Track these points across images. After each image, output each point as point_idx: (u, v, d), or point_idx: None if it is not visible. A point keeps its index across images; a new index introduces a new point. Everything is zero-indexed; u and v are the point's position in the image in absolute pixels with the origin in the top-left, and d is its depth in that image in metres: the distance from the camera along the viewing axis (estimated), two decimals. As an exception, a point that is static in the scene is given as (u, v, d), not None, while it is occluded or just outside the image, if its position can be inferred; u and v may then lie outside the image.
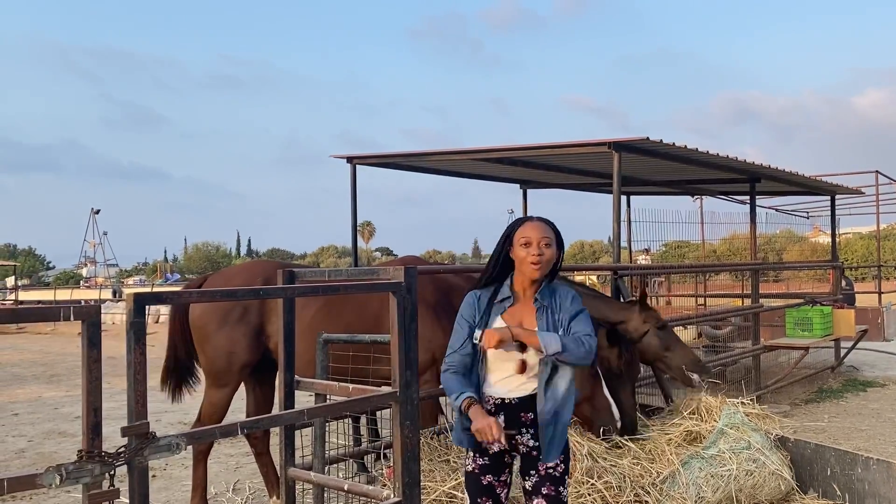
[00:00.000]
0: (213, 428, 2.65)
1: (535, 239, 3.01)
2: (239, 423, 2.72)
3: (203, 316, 5.35)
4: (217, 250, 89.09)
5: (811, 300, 10.07)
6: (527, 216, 3.20)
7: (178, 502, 6.01)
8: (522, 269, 3.05)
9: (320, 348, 3.96)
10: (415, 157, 8.28)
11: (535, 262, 2.99)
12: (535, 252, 2.99)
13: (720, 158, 7.87)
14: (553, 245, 3.06)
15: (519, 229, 3.08)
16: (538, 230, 3.04)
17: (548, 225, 3.11)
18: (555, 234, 3.09)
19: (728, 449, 4.86)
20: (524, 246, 3.02)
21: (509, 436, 3.01)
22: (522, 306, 3.12)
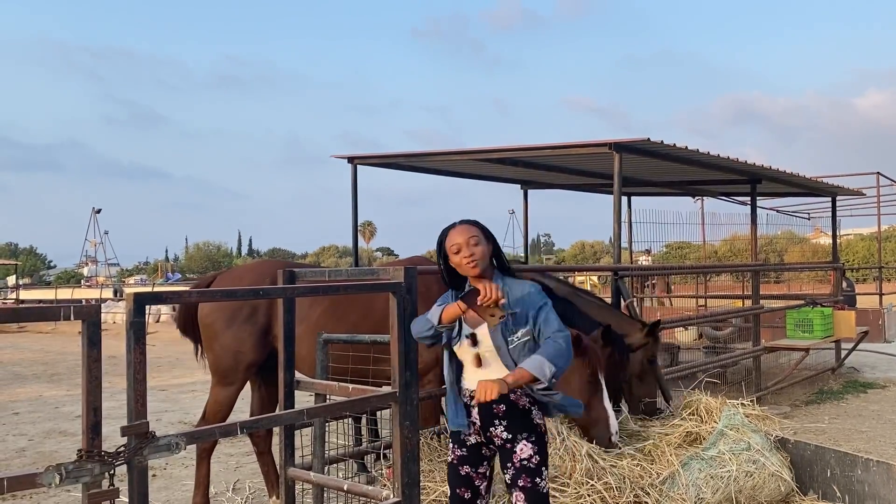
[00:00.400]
0: (212, 427, 2.65)
1: (461, 242, 3.18)
2: (239, 423, 2.73)
3: (211, 314, 5.38)
4: (218, 250, 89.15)
5: (812, 301, 10.07)
6: (450, 224, 3.32)
7: (179, 502, 6.01)
8: (464, 272, 3.21)
9: (320, 348, 3.96)
10: (416, 158, 8.28)
11: (468, 261, 3.16)
12: (467, 254, 3.16)
13: (721, 159, 7.88)
14: (482, 241, 3.21)
15: (446, 239, 3.25)
16: (462, 233, 3.21)
17: (471, 224, 3.26)
18: (480, 230, 3.24)
19: (728, 450, 4.86)
20: (456, 253, 3.20)
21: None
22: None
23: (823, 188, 11.33)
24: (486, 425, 3.22)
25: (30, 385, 12.34)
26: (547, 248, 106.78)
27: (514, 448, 3.18)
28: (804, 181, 10.12)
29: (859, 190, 12.88)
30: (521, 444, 3.18)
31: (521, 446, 3.19)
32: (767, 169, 8.78)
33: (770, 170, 8.85)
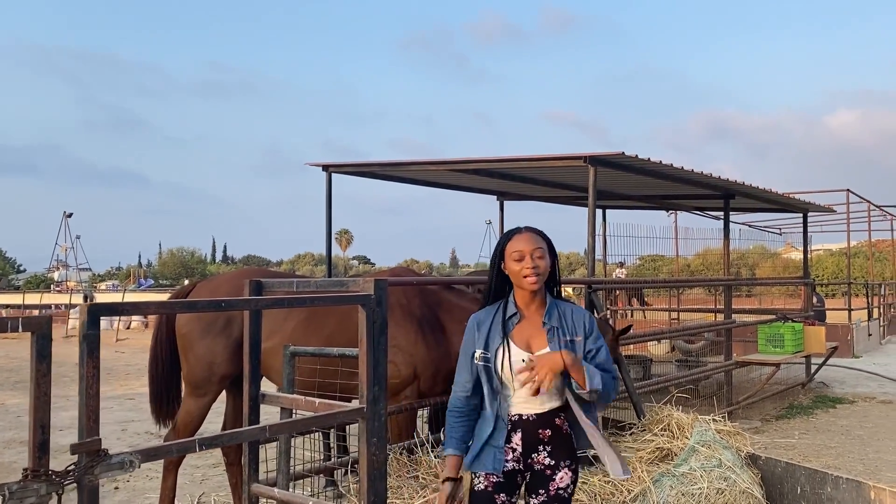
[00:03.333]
0: (170, 445, 2.55)
1: (527, 251, 2.91)
2: (198, 439, 2.63)
3: (187, 324, 5.26)
4: (192, 256, 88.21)
5: (783, 316, 10.14)
6: (516, 228, 3.05)
7: (141, 516, 5.86)
8: (519, 283, 2.94)
9: (287, 361, 3.87)
10: (391, 167, 8.23)
11: (529, 275, 2.89)
12: (529, 265, 2.89)
13: (694, 174, 7.91)
14: (546, 255, 2.96)
15: (510, 243, 2.97)
16: (529, 242, 2.94)
17: (538, 235, 3.00)
18: (547, 244, 2.99)
19: (699, 466, 4.83)
20: (517, 261, 2.92)
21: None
22: (528, 324, 3.00)
23: (795, 204, 11.45)
24: (528, 450, 2.94)
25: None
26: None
27: (553, 475, 2.94)
28: (777, 197, 10.21)
29: (830, 206, 13.04)
30: (563, 472, 2.95)
31: (561, 474, 2.95)
32: (741, 185, 8.84)
33: (743, 185, 8.91)
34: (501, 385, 2.94)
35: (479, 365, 2.96)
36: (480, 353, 2.95)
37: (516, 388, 2.93)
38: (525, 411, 2.95)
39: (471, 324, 3.05)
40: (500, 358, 2.91)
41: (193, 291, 5.62)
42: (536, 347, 2.94)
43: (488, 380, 2.95)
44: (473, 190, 10.75)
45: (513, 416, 2.95)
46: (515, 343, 2.95)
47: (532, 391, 2.84)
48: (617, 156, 6.57)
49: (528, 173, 8.81)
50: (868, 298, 19.19)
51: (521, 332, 2.98)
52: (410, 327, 5.15)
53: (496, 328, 2.98)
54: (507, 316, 2.99)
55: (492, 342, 2.96)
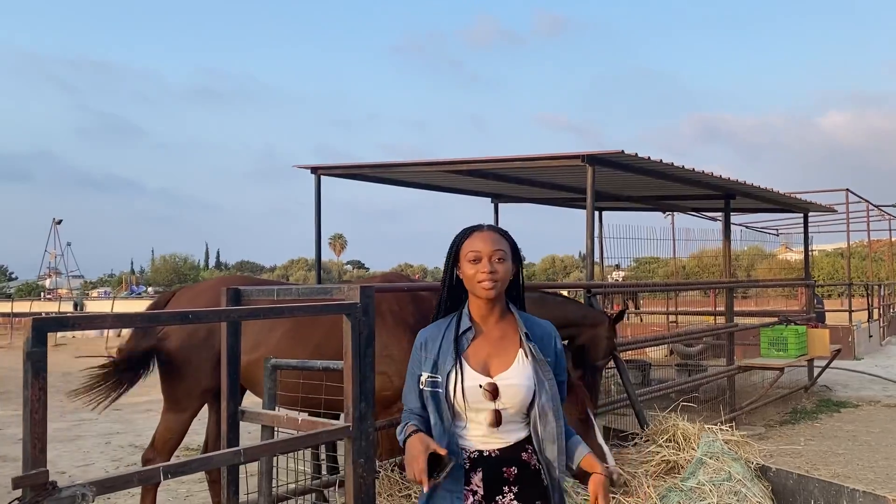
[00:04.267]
0: (131, 474, 2.28)
1: (485, 252, 2.47)
2: (163, 467, 2.36)
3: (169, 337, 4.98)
4: (185, 262, 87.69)
5: (785, 319, 9.90)
6: (476, 225, 2.60)
7: (120, 536, 5.57)
8: (473, 289, 2.50)
9: (268, 375, 3.60)
10: (381, 169, 7.97)
11: (484, 280, 2.44)
12: (486, 269, 2.45)
13: (696, 174, 7.67)
14: (508, 260, 2.51)
15: (466, 241, 2.53)
16: (489, 242, 2.49)
17: (501, 235, 2.56)
18: (510, 247, 2.55)
19: (708, 480, 4.58)
20: (473, 262, 2.48)
21: (433, 483, 2.41)
22: (486, 341, 2.54)
23: (797, 204, 11.22)
24: (490, 493, 2.46)
25: (-25, 404, 11.73)
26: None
27: None
28: (778, 197, 9.98)
29: (831, 206, 12.82)
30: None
31: None
32: (742, 184, 8.61)
33: (745, 185, 8.67)
34: (453, 416, 2.48)
35: (425, 391, 2.51)
36: (427, 377, 2.49)
37: (470, 420, 2.49)
38: (486, 447, 2.48)
39: (417, 342, 2.60)
40: (453, 383, 2.44)
41: (174, 299, 5.35)
42: (496, 370, 2.49)
43: (437, 409, 2.47)
44: (467, 192, 10.49)
45: (471, 452, 2.49)
46: (471, 365, 2.48)
47: (491, 421, 2.45)
48: (616, 154, 6.32)
49: (523, 174, 8.55)
50: (868, 299, 18.99)
51: (478, 352, 2.51)
52: (403, 336, 4.89)
53: (447, 347, 2.51)
54: (461, 332, 2.52)
55: (442, 364, 2.48)
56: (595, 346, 5.71)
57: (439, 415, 2.48)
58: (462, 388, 2.44)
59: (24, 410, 2.05)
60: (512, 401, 2.47)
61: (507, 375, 2.49)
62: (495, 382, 2.47)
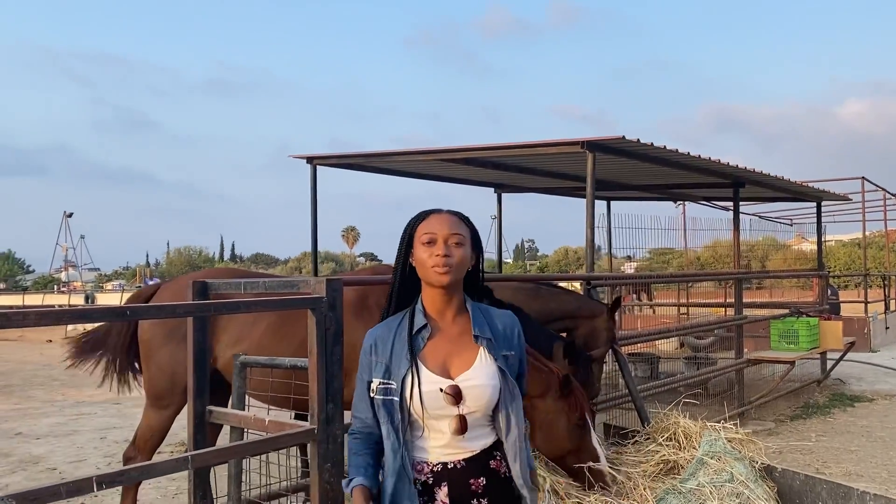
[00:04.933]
0: (58, 485, 2.10)
1: (440, 234, 2.24)
2: (95, 477, 2.18)
3: (149, 330, 4.83)
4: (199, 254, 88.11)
5: (797, 311, 9.62)
6: (431, 209, 2.37)
7: (104, 536, 5.42)
8: (426, 276, 2.25)
9: (237, 372, 3.42)
10: (377, 158, 7.76)
11: (438, 264, 2.20)
12: (440, 251, 2.21)
13: (701, 161, 7.40)
14: (466, 244, 2.28)
15: (420, 224, 2.30)
16: (444, 224, 2.26)
17: (459, 218, 2.33)
18: (469, 231, 2.32)
19: (708, 482, 4.34)
20: (427, 244, 2.24)
21: None
22: (444, 338, 2.29)
23: (809, 192, 10.91)
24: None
25: (-23, 398, 11.66)
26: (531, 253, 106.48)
27: None
28: (789, 185, 9.68)
29: (846, 195, 12.48)
30: None
31: None
32: (751, 172, 8.32)
33: (754, 172, 8.39)
34: (410, 425, 2.22)
35: (376, 400, 2.24)
36: (378, 384, 2.23)
37: (430, 429, 2.24)
38: (450, 457, 2.24)
39: (365, 344, 2.32)
40: (409, 388, 2.19)
41: (157, 293, 5.18)
42: (457, 370, 2.25)
43: (389, 419, 2.21)
44: (469, 182, 10.26)
45: (434, 465, 2.24)
46: (428, 366, 2.23)
47: (455, 428, 2.22)
48: (617, 140, 6.07)
49: (525, 162, 8.32)
50: (885, 290, 18.59)
51: (436, 351, 2.26)
52: None
53: (400, 348, 2.25)
54: (415, 329, 2.27)
55: (395, 367, 2.23)
56: (593, 338, 5.49)
57: (392, 425, 2.22)
58: (420, 393, 2.19)
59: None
60: (477, 403, 2.24)
61: (470, 376, 2.25)
62: (457, 384, 2.22)
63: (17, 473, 6.95)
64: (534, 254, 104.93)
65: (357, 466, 2.27)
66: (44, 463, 7.34)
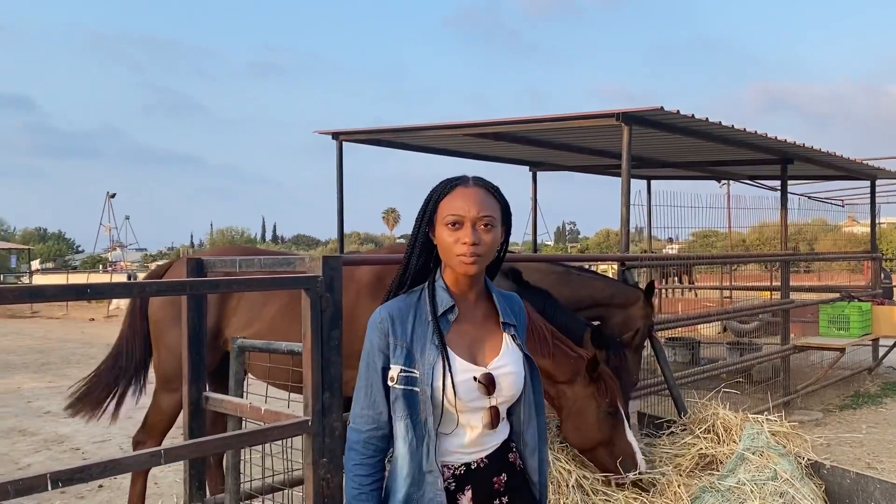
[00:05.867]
0: (6, 483, 1.89)
1: (468, 216, 1.92)
2: (49, 474, 1.95)
3: (159, 310, 4.65)
4: (242, 235, 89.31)
5: (847, 295, 9.10)
6: (457, 178, 2.03)
7: (119, 520, 5.31)
8: (449, 261, 1.97)
9: (234, 356, 3.19)
10: (404, 133, 7.48)
11: (465, 253, 1.91)
12: (469, 238, 1.91)
13: (746, 134, 6.95)
14: (497, 225, 1.98)
15: (446, 199, 1.97)
16: (474, 202, 1.94)
17: (491, 194, 2.00)
18: (500, 208, 2.01)
19: (749, 479, 4.01)
20: (452, 227, 1.93)
21: None
22: (469, 322, 2.03)
23: (862, 170, 10.31)
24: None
25: (15, 375, 11.77)
26: (572, 235, 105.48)
27: None
28: (841, 162, 9.13)
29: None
30: None
31: None
32: (799, 147, 7.83)
33: (803, 148, 7.90)
34: (440, 421, 1.94)
35: (396, 390, 1.95)
36: (400, 371, 1.94)
37: (462, 425, 1.98)
38: (473, 456, 2.00)
39: (378, 320, 1.99)
40: (440, 379, 1.92)
41: (170, 270, 5.01)
42: (485, 358, 2.01)
43: (409, 413, 1.93)
44: (503, 160, 9.93)
45: (457, 467, 1.99)
46: (457, 353, 1.97)
47: (488, 421, 1.97)
48: (654, 112, 5.69)
49: (559, 138, 7.95)
50: (942, 274, 17.73)
51: (461, 336, 2.00)
52: None
53: (422, 331, 1.97)
54: (441, 310, 1.98)
55: (419, 352, 1.95)
56: (628, 327, 5.14)
57: (413, 424, 1.94)
58: (453, 383, 1.92)
59: None
60: (509, 392, 2.02)
61: (501, 362, 2.02)
62: (490, 372, 1.98)
63: (40, 453, 6.91)
64: (575, 236, 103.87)
65: (359, 488, 1.98)
66: (68, 443, 7.29)
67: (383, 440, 2.00)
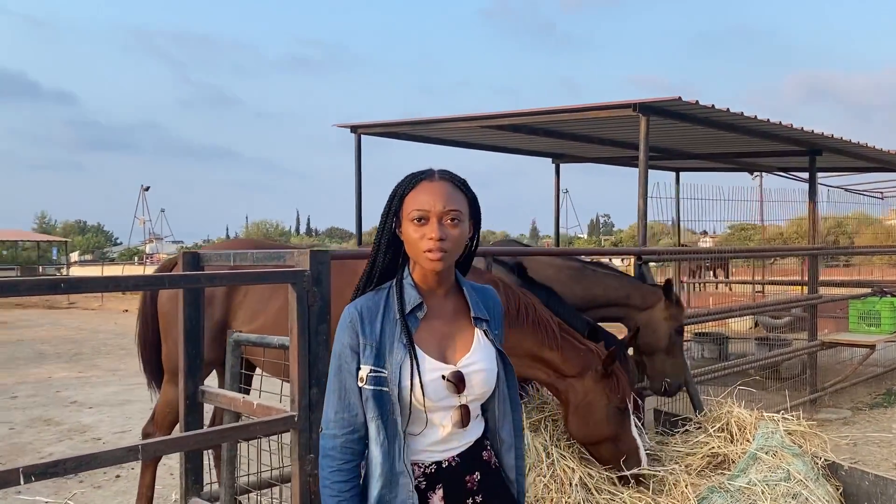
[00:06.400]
0: (-23, 476, 1.89)
1: (434, 211, 1.89)
2: (22, 469, 1.95)
3: (167, 302, 4.67)
4: (276, 228, 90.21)
5: (879, 290, 8.84)
6: (422, 172, 1.99)
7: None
8: (416, 257, 1.94)
9: (231, 350, 3.18)
10: (422, 126, 7.44)
11: (432, 249, 1.87)
12: (434, 234, 1.87)
13: (770, 125, 6.77)
14: (464, 220, 1.94)
15: (411, 193, 1.94)
16: (439, 196, 1.90)
17: (457, 186, 1.97)
18: (468, 202, 1.98)
19: (761, 479, 3.90)
20: (417, 223, 1.90)
21: None
22: (438, 318, 1.99)
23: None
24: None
25: (46, 365, 12.01)
26: (606, 228, 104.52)
27: None
28: (873, 153, 8.87)
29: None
30: None
31: None
32: (828, 138, 7.61)
33: (832, 139, 7.67)
34: (408, 420, 1.91)
35: (367, 390, 1.91)
36: (369, 371, 1.90)
37: (431, 424, 1.94)
38: (444, 455, 1.97)
39: (348, 319, 1.95)
40: (407, 378, 1.88)
41: (178, 265, 5.03)
42: (456, 355, 1.97)
43: (379, 414, 1.90)
44: (525, 152, 9.83)
45: (427, 466, 1.95)
46: (425, 351, 1.94)
47: (458, 420, 1.93)
48: (672, 102, 5.57)
49: (579, 129, 7.84)
50: (983, 269, 17.17)
51: (431, 333, 1.97)
52: None
53: (392, 328, 1.93)
54: (409, 307, 1.95)
55: (387, 351, 1.91)
56: (651, 331, 4.93)
57: (385, 425, 1.90)
58: (420, 382, 1.88)
59: None
60: (479, 390, 1.98)
61: (472, 360, 1.97)
62: (460, 370, 1.94)
63: (62, 442, 7.03)
64: (609, 228, 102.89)
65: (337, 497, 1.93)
66: (90, 433, 7.41)
67: (360, 443, 1.95)
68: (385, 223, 2.00)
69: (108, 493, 5.64)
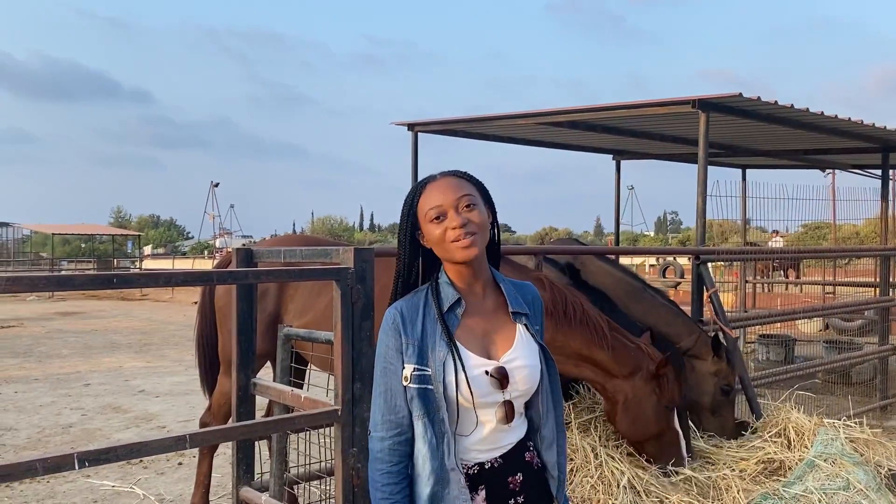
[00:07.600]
0: (33, 461, 1.99)
1: (447, 203, 1.92)
2: (77, 454, 2.05)
3: (224, 296, 4.83)
4: (340, 223, 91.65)
5: (958, 293, 8.42)
6: (426, 177, 2.04)
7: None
8: (448, 254, 1.94)
9: (281, 344, 3.26)
10: (478, 123, 7.44)
11: (458, 237, 1.89)
12: (455, 222, 1.90)
13: (839, 122, 6.53)
14: (480, 204, 1.96)
15: (421, 200, 1.98)
16: (447, 189, 1.94)
17: (460, 177, 2.01)
18: (476, 187, 2.01)
19: (818, 488, 3.79)
20: (436, 221, 1.93)
21: None
22: (478, 315, 2.00)
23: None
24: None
25: (118, 354, 12.50)
26: (674, 226, 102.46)
27: None
28: (953, 150, 8.45)
29: None
30: None
31: None
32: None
33: (907, 135, 7.35)
34: (456, 419, 1.93)
35: (411, 389, 1.91)
36: (413, 371, 1.91)
37: (479, 421, 1.94)
38: (487, 455, 1.97)
39: (390, 320, 1.97)
40: (451, 375, 1.89)
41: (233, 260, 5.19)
42: (498, 351, 1.97)
43: (426, 412, 1.90)
44: (584, 149, 9.73)
45: (470, 467, 1.95)
46: (468, 348, 1.94)
47: (502, 416, 1.93)
48: (732, 98, 5.43)
49: (639, 126, 7.72)
50: None
51: (472, 330, 1.97)
52: None
53: (431, 326, 1.94)
54: (447, 305, 1.96)
55: (430, 350, 1.92)
56: (694, 383, 4.50)
57: (429, 418, 1.90)
58: (466, 379, 1.89)
59: None
60: (522, 386, 1.98)
61: (515, 355, 1.98)
62: (503, 366, 1.95)
63: (129, 430, 7.31)
64: (676, 226, 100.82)
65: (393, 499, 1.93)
66: (156, 421, 7.68)
67: (407, 444, 1.95)
68: (405, 235, 2.02)
69: (171, 480, 5.84)
